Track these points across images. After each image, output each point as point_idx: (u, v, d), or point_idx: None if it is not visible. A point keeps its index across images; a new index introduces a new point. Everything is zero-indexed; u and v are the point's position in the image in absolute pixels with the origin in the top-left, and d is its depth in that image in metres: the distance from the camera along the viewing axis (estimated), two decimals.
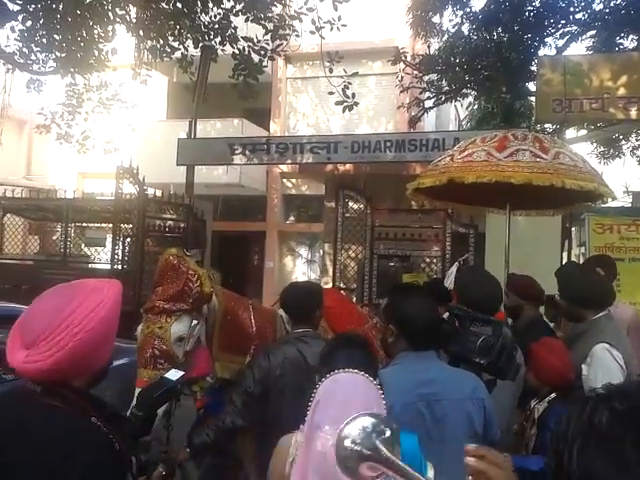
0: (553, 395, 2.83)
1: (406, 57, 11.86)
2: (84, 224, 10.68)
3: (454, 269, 6.68)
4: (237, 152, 9.76)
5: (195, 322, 2.56)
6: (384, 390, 1.50)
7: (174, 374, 2.10)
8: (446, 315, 2.94)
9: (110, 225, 9.16)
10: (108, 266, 8.49)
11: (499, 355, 2.45)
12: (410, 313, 2.30)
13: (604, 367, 2.80)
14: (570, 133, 14.29)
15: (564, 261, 7.73)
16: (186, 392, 2.61)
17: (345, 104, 8.84)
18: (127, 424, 1.77)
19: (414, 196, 4.23)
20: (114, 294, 1.58)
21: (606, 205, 6.07)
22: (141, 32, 8.97)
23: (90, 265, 9.77)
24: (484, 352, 2.45)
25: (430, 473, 1.28)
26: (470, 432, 2.16)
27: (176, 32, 9.30)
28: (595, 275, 3.40)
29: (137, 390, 2.47)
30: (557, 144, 3.70)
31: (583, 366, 2.85)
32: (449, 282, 5.56)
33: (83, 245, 10.73)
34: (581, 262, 6.84)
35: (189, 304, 2.52)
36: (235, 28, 9.45)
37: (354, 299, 7.78)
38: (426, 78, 12.46)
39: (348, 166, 10.40)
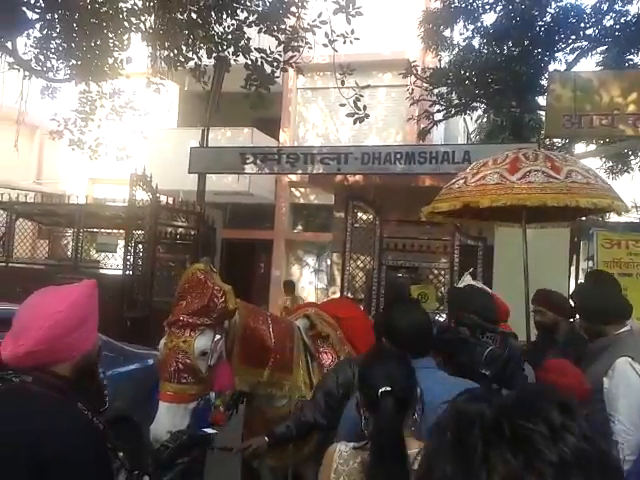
0: None
1: (417, 70, 11.92)
2: (95, 230, 10.76)
3: (468, 278, 6.68)
4: (248, 161, 9.83)
5: (218, 337, 2.55)
6: None
7: (210, 430, 2.32)
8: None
9: (121, 231, 9.23)
10: (119, 272, 8.54)
11: (504, 366, 2.46)
12: (393, 323, 2.33)
13: (625, 380, 2.81)
14: (579, 148, 14.33)
15: (572, 275, 7.74)
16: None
17: (356, 116, 8.88)
18: (155, 452, 2.01)
19: (429, 217, 4.27)
20: (84, 286, 1.81)
21: (614, 220, 6.07)
22: (156, 41, 9.06)
23: (101, 270, 9.83)
24: (490, 363, 2.46)
25: None
26: None
27: (190, 42, 9.39)
28: (609, 290, 3.41)
29: (161, 404, 2.46)
30: (569, 162, 3.73)
31: (604, 379, 2.85)
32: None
33: (94, 251, 10.79)
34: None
35: (213, 319, 2.53)
36: (248, 39, 9.51)
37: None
38: (436, 91, 12.53)
39: (358, 177, 10.44)
